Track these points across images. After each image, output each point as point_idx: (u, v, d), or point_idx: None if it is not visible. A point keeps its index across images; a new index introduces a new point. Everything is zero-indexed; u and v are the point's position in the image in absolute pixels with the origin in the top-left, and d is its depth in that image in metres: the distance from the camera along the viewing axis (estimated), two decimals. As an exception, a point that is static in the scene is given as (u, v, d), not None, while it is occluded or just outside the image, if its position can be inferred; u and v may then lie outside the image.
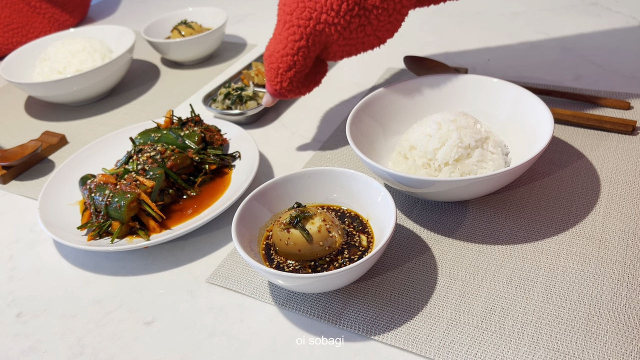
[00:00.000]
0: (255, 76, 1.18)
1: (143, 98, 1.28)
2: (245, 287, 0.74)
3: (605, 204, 0.78)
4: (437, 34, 1.36)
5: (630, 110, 0.96)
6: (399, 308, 0.67)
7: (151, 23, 1.42)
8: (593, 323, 0.62)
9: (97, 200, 0.82)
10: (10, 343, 0.72)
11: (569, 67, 1.13)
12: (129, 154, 0.91)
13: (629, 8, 1.34)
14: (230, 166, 0.95)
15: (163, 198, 0.86)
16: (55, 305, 0.76)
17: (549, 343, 0.61)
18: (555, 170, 0.85)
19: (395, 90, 0.92)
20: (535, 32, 1.30)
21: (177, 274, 0.78)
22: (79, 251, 0.85)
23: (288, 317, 0.69)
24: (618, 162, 0.85)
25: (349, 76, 1.23)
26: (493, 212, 0.79)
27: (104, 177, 0.85)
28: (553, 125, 0.75)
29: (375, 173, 0.76)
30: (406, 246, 0.76)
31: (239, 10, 1.71)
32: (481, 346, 0.61)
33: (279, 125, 1.10)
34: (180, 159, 0.89)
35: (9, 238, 0.90)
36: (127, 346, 0.69)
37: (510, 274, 0.69)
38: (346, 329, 0.66)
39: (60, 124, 1.22)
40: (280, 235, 0.69)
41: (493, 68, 1.17)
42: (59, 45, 1.29)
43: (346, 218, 0.75)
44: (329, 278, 0.62)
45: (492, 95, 0.89)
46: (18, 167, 1.05)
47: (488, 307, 0.66)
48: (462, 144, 0.76)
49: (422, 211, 0.81)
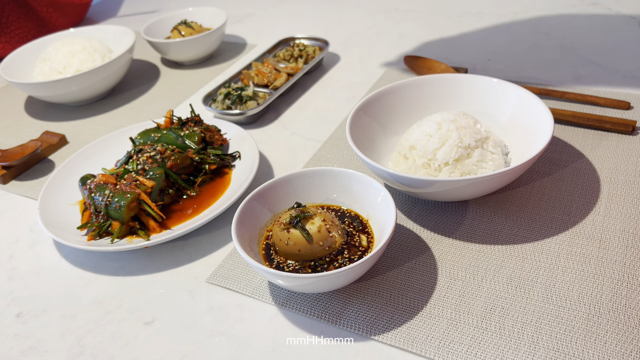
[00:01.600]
0: (255, 76, 1.18)
1: (143, 98, 1.28)
2: (245, 287, 0.74)
3: (605, 204, 0.78)
4: (437, 34, 1.36)
5: (630, 110, 0.96)
6: (399, 308, 0.67)
7: (151, 23, 1.42)
8: (593, 323, 0.62)
9: (97, 200, 0.82)
10: (10, 343, 0.72)
11: (569, 67, 1.13)
12: (129, 154, 0.91)
13: (629, 8, 1.34)
14: (230, 166, 0.95)
15: (163, 198, 0.86)
16: (55, 305, 0.76)
17: (548, 343, 0.61)
18: (555, 170, 0.85)
19: (395, 90, 0.92)
20: (535, 32, 1.30)
21: (177, 274, 0.78)
22: (79, 251, 0.85)
23: (288, 317, 0.69)
24: (618, 162, 0.85)
25: (349, 76, 1.23)
26: (493, 212, 0.79)
27: (104, 177, 0.85)
28: (553, 125, 0.75)
29: (375, 173, 0.76)
30: (406, 246, 0.76)
31: (239, 10, 1.71)
32: (481, 346, 0.61)
33: (279, 125, 1.10)
34: (180, 159, 0.89)
35: (9, 238, 0.90)
36: (127, 346, 0.69)
37: (510, 274, 0.69)
38: (346, 329, 0.66)
39: (60, 124, 1.22)
40: (280, 235, 0.69)
41: (493, 68, 1.17)
42: (59, 45, 1.29)
43: (346, 218, 0.75)
44: (328, 278, 0.62)
45: (492, 95, 0.89)
46: (18, 167, 1.05)
47: (488, 307, 0.66)
48: (462, 143, 0.76)
49: (422, 211, 0.81)
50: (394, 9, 1.54)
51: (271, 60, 1.23)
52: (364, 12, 1.55)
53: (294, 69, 1.19)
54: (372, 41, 1.38)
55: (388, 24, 1.46)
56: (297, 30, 1.49)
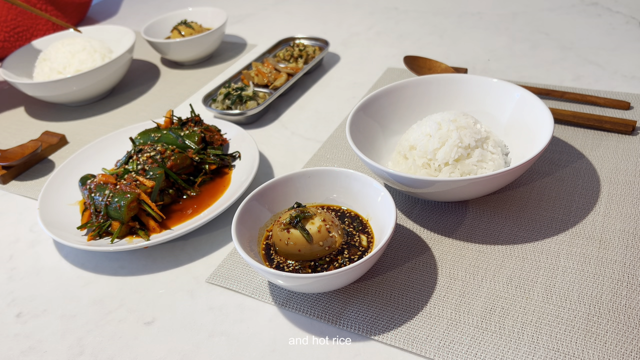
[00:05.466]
0: (255, 76, 1.18)
1: (143, 98, 1.28)
2: (245, 287, 0.74)
3: (605, 204, 0.78)
4: (437, 34, 1.36)
5: (630, 110, 0.96)
6: (399, 308, 0.67)
7: (151, 23, 1.42)
8: (593, 323, 0.62)
9: (97, 200, 0.82)
10: (10, 343, 0.72)
11: (569, 67, 1.13)
12: (128, 154, 0.91)
13: (629, 8, 1.34)
14: (230, 166, 0.95)
15: (163, 198, 0.86)
16: (55, 305, 0.76)
17: (548, 343, 0.61)
18: (555, 170, 0.85)
19: (395, 90, 0.92)
20: (535, 32, 1.30)
21: (177, 274, 0.78)
22: (79, 251, 0.85)
23: (288, 317, 0.69)
24: (618, 162, 0.85)
25: (349, 76, 1.23)
26: (493, 212, 0.79)
27: (103, 177, 0.85)
28: (553, 125, 0.75)
29: (376, 173, 0.76)
30: (406, 246, 0.76)
31: (239, 10, 1.71)
32: (481, 346, 0.61)
33: (279, 125, 1.10)
34: (180, 159, 0.89)
35: (9, 238, 0.90)
36: (127, 346, 0.69)
37: (510, 274, 0.69)
38: (346, 329, 0.66)
39: (60, 124, 1.22)
40: (280, 235, 0.69)
41: (493, 68, 1.17)
42: (59, 46, 1.28)
43: (346, 218, 0.75)
44: (329, 278, 0.62)
45: (492, 95, 0.89)
46: (18, 167, 1.05)
47: (488, 307, 0.66)
48: (462, 144, 0.76)
49: (422, 211, 0.81)
50: (394, 9, 1.54)
51: (271, 60, 1.23)
52: (364, 12, 1.55)
53: (294, 69, 1.19)
54: (372, 41, 1.38)
55: (388, 24, 1.46)
56: (297, 30, 1.49)
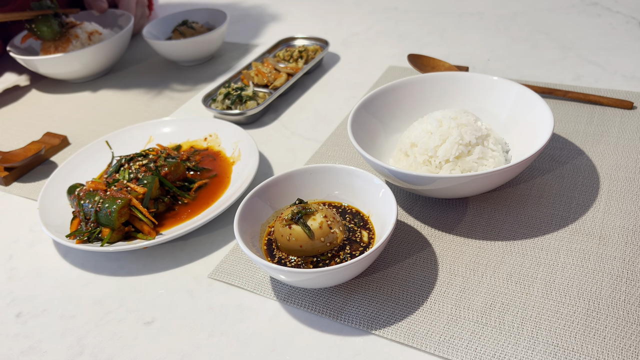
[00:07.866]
0: (255, 76, 1.18)
1: (144, 98, 1.28)
2: (246, 282, 0.74)
3: (605, 201, 0.78)
4: (437, 34, 1.36)
5: (634, 110, 0.96)
6: (400, 303, 0.67)
7: (151, 24, 1.42)
8: (592, 318, 0.62)
9: (86, 208, 0.80)
10: (10, 343, 0.71)
11: (569, 67, 1.13)
12: (119, 162, 0.89)
13: (629, 8, 1.34)
14: (205, 185, 0.92)
15: (157, 207, 0.84)
16: (55, 305, 0.76)
17: (548, 338, 0.61)
18: (556, 167, 0.85)
19: (396, 88, 0.92)
20: (535, 32, 1.30)
21: (177, 274, 0.78)
22: (79, 251, 0.84)
23: (288, 316, 0.69)
24: (618, 158, 0.85)
25: (349, 76, 1.24)
26: (493, 208, 0.79)
27: (93, 184, 0.82)
28: (553, 122, 0.75)
29: (377, 170, 0.76)
30: (407, 242, 0.76)
31: (239, 10, 1.71)
32: (481, 341, 0.61)
33: (279, 125, 1.10)
34: (174, 167, 0.88)
35: (9, 238, 0.90)
36: (127, 346, 0.68)
37: (510, 270, 0.69)
38: (347, 324, 0.66)
39: (61, 125, 1.22)
40: (282, 231, 0.69)
41: (493, 68, 1.17)
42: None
43: (347, 214, 0.75)
44: (330, 273, 0.62)
45: (493, 92, 0.89)
46: (20, 169, 1.04)
47: (488, 302, 0.66)
48: (462, 141, 0.76)
49: (423, 208, 0.81)
50: (394, 9, 1.54)
51: (271, 60, 1.23)
52: (364, 12, 1.56)
53: (294, 69, 1.19)
54: (372, 41, 1.38)
55: (388, 24, 1.46)
56: (297, 30, 1.49)
